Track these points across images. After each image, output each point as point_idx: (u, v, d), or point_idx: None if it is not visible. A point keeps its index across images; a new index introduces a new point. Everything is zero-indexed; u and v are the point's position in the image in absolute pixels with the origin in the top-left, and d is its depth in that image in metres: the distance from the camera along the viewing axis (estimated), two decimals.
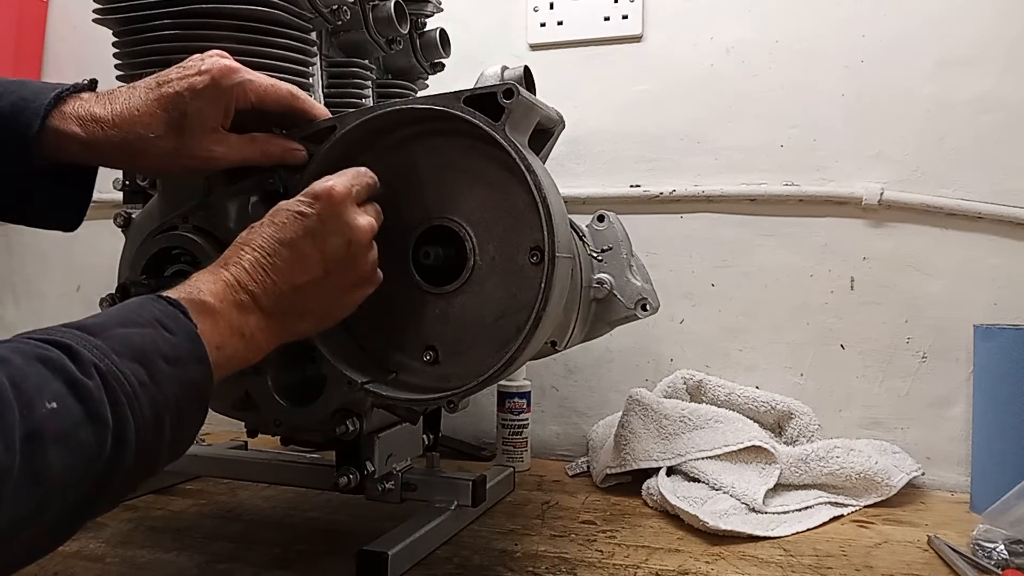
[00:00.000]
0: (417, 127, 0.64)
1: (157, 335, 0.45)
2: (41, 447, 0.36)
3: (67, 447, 0.38)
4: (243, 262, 0.52)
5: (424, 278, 0.63)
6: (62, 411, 0.38)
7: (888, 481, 0.89)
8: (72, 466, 0.38)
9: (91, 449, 0.39)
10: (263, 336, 0.53)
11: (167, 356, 0.44)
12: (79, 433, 0.38)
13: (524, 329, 0.57)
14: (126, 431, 0.40)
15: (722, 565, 0.72)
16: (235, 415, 0.77)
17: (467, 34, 1.14)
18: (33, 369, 0.38)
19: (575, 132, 1.02)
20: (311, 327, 0.58)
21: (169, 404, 0.43)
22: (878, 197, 1.04)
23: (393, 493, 0.75)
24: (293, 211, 0.55)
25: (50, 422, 0.37)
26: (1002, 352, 0.88)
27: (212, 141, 0.58)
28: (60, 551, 0.73)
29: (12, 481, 0.35)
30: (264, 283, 0.52)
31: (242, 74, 0.58)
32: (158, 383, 0.43)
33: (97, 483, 0.40)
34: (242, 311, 0.51)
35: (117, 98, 0.57)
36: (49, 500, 0.37)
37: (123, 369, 0.41)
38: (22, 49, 1.40)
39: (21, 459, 0.35)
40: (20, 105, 0.54)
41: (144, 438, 0.42)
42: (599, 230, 0.84)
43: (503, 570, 0.70)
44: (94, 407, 0.39)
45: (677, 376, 1.07)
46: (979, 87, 1.01)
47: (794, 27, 1.09)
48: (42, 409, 0.37)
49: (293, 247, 0.54)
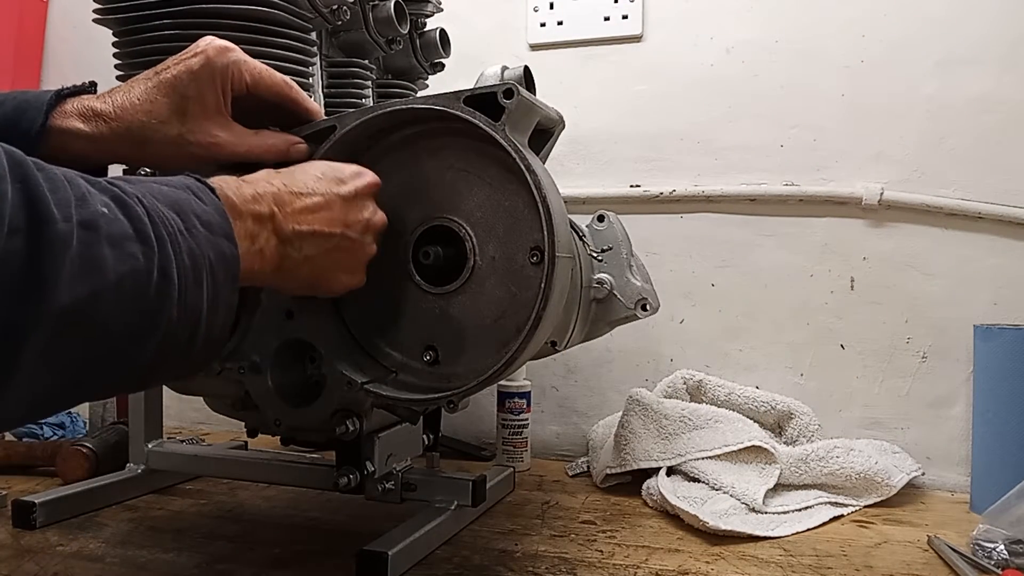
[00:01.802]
0: (417, 127, 0.64)
1: (190, 198, 0.44)
2: (97, 238, 0.35)
3: (119, 254, 0.36)
4: (273, 185, 0.52)
5: (424, 278, 0.63)
6: (113, 218, 0.37)
7: (888, 481, 0.89)
8: (124, 275, 0.36)
9: (140, 265, 0.37)
10: (268, 255, 0.51)
11: (200, 218, 0.43)
12: (129, 245, 0.37)
13: (524, 329, 0.57)
14: (169, 267, 0.39)
15: (722, 565, 0.72)
16: (235, 415, 0.77)
17: (467, 34, 1.14)
18: (82, 181, 0.37)
19: (575, 132, 1.02)
20: (301, 280, 0.56)
21: (206, 263, 0.42)
22: (878, 197, 1.04)
23: (393, 493, 0.75)
24: (333, 173, 0.57)
25: (103, 221, 0.36)
26: (1002, 352, 0.88)
27: (216, 125, 0.58)
28: (60, 551, 0.73)
29: (70, 256, 0.34)
30: (285, 210, 0.52)
31: (236, 53, 0.58)
32: (195, 238, 0.42)
33: (146, 314, 0.38)
34: (258, 221, 0.50)
35: (117, 92, 0.57)
36: (103, 299, 0.35)
37: (163, 211, 0.40)
38: (22, 49, 1.40)
39: (78, 242, 0.34)
40: (23, 107, 0.54)
41: (185, 283, 0.40)
42: (599, 230, 0.84)
43: (503, 570, 0.70)
44: (142, 227, 0.38)
45: (677, 376, 1.07)
46: (979, 87, 1.02)
47: (794, 27, 1.09)
48: (95, 207, 0.36)
49: (325, 198, 0.55)
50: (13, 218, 0.32)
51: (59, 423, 1.18)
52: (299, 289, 0.59)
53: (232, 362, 0.68)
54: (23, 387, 0.34)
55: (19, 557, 0.72)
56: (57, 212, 0.34)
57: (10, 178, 0.33)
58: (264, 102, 0.62)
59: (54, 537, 0.78)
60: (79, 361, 0.36)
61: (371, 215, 0.59)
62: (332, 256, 0.56)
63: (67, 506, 0.84)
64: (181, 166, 0.62)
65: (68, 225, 0.34)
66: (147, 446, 0.93)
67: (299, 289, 0.59)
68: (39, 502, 0.81)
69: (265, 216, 0.50)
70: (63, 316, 0.34)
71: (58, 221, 0.34)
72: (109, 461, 0.96)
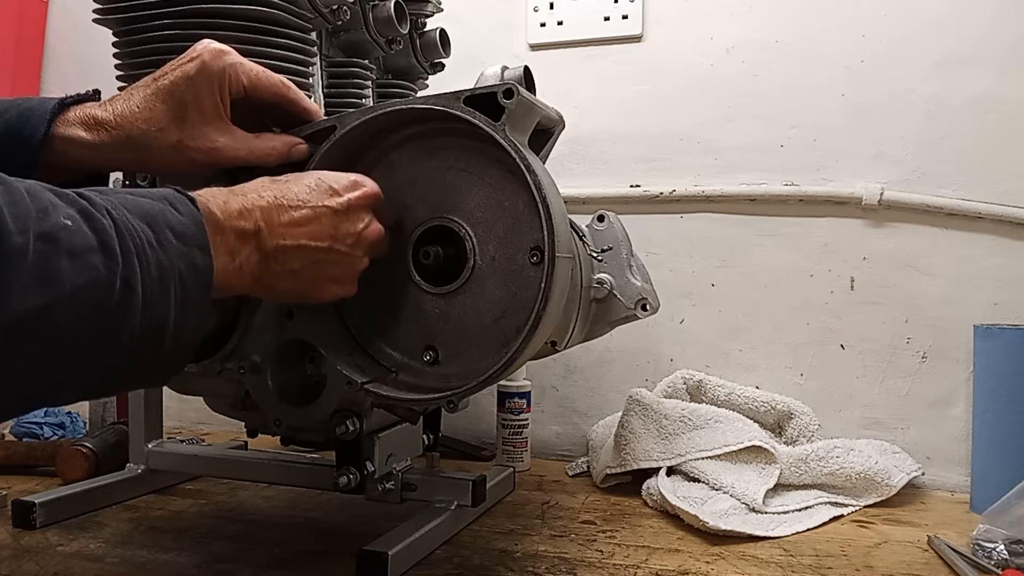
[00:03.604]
0: (417, 127, 0.64)
1: (166, 209, 0.44)
2: (55, 250, 0.35)
3: (79, 265, 0.36)
4: (264, 198, 0.52)
5: (424, 278, 0.63)
6: (76, 230, 0.37)
7: (888, 481, 0.89)
8: (82, 287, 0.37)
9: (101, 277, 0.38)
10: (247, 270, 0.51)
11: (174, 230, 0.43)
12: (90, 257, 0.37)
13: (524, 329, 0.57)
14: (133, 278, 0.39)
15: (722, 565, 0.72)
16: (235, 415, 0.77)
17: (467, 34, 1.14)
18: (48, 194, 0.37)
19: (575, 132, 1.02)
20: (284, 292, 0.57)
21: (174, 275, 0.42)
22: (878, 197, 1.04)
23: (393, 493, 0.75)
24: (328, 184, 0.56)
25: (64, 233, 0.36)
26: (1002, 352, 0.88)
27: (215, 131, 0.58)
28: (60, 551, 0.73)
29: (25, 267, 0.34)
30: (272, 225, 0.52)
31: (232, 56, 0.58)
32: (165, 250, 0.42)
33: (107, 323, 0.38)
34: (241, 237, 0.50)
35: (117, 100, 0.57)
36: (58, 309, 0.36)
37: (133, 223, 0.41)
38: (22, 49, 1.40)
39: (35, 253, 0.34)
40: (25, 115, 0.55)
41: (151, 295, 0.40)
42: (599, 230, 0.84)
43: (503, 570, 0.70)
44: (107, 239, 0.38)
45: (677, 376, 1.07)
46: (979, 87, 1.01)
47: (794, 27, 1.09)
48: (57, 219, 0.36)
49: (314, 211, 0.55)
50: None
51: (59, 423, 1.18)
52: (283, 299, 0.60)
53: (232, 362, 0.68)
54: None
55: (19, 557, 0.72)
56: (12, 225, 0.34)
57: None
58: (263, 103, 0.62)
59: (54, 537, 0.78)
60: (37, 368, 0.37)
61: (364, 227, 0.58)
62: (318, 268, 0.56)
63: (67, 506, 0.84)
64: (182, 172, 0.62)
65: (23, 238, 0.34)
66: (147, 446, 0.93)
67: (283, 299, 0.60)
68: (39, 502, 0.81)
69: (249, 232, 0.51)
70: (15, 325, 0.34)
71: (13, 234, 0.34)
72: (109, 461, 0.96)
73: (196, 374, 0.71)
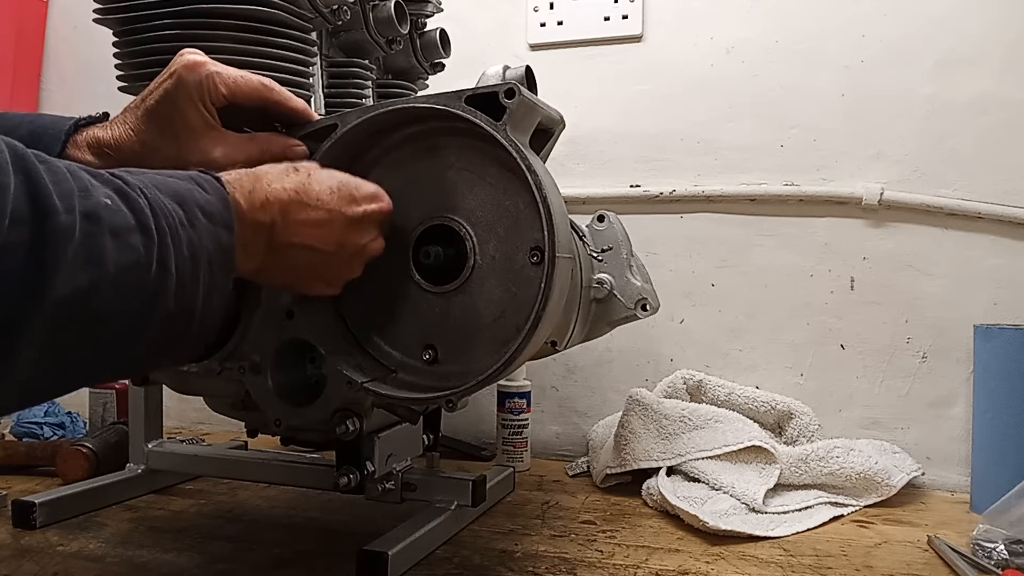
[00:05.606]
0: (418, 126, 0.64)
1: (194, 188, 0.45)
2: (99, 229, 0.36)
3: (120, 244, 0.37)
4: (286, 191, 0.53)
5: (424, 277, 0.63)
6: (116, 209, 0.37)
7: (888, 481, 0.89)
8: (124, 267, 0.37)
9: (140, 256, 0.38)
10: (255, 258, 0.52)
11: (203, 209, 0.44)
12: (130, 237, 0.37)
13: (524, 329, 0.57)
14: (168, 258, 0.40)
15: (722, 565, 0.72)
16: (235, 415, 0.77)
17: (467, 34, 1.14)
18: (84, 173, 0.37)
19: (575, 132, 1.02)
20: (277, 282, 0.59)
21: (203, 254, 0.43)
22: (878, 197, 1.04)
23: (393, 493, 0.75)
24: (349, 191, 0.57)
25: (105, 212, 0.36)
26: (1002, 352, 0.88)
27: (210, 142, 0.58)
28: (60, 551, 0.73)
29: (73, 246, 0.34)
30: (287, 221, 0.53)
31: (208, 67, 0.58)
32: (196, 229, 0.43)
33: (144, 303, 0.39)
34: (257, 229, 0.51)
35: (115, 123, 0.58)
36: (101, 289, 0.36)
37: (165, 203, 0.41)
38: (22, 49, 1.40)
39: (80, 232, 0.34)
40: (38, 133, 0.55)
41: (183, 276, 0.41)
42: (599, 230, 0.84)
43: (503, 570, 0.70)
44: (144, 219, 0.39)
45: (677, 376, 1.07)
46: (979, 87, 1.02)
47: (794, 27, 1.09)
48: (98, 199, 0.36)
49: (330, 215, 0.55)
50: (16, 210, 0.33)
51: (59, 423, 1.18)
52: (269, 284, 0.62)
53: (232, 362, 0.68)
54: (21, 375, 0.35)
55: (19, 557, 0.72)
56: (60, 204, 0.35)
57: (12, 171, 0.33)
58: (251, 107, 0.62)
59: (54, 537, 0.78)
60: (76, 349, 0.37)
61: (369, 242, 0.59)
62: (315, 269, 0.57)
63: (67, 506, 0.84)
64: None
65: (71, 216, 0.35)
66: (147, 446, 0.93)
67: (269, 284, 0.62)
68: (39, 502, 0.81)
69: (265, 226, 0.51)
70: (62, 306, 0.35)
71: (61, 212, 0.34)
72: (109, 461, 0.96)
73: (196, 374, 0.71)
